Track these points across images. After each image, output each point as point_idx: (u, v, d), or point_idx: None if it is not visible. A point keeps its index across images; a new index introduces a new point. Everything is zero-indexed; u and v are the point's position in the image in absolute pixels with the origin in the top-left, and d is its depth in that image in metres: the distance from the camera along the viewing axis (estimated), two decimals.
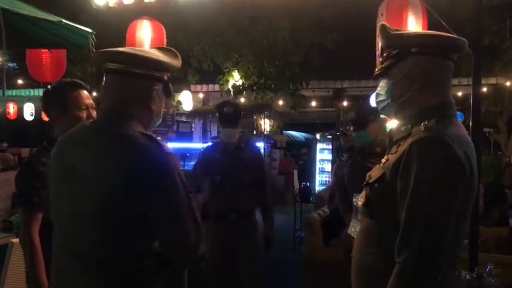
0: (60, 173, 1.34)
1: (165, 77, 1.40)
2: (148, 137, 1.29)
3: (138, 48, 1.41)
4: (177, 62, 1.42)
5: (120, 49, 1.37)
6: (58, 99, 1.96)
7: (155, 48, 1.46)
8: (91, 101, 2.01)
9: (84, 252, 1.27)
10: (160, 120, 1.47)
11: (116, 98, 1.35)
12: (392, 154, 1.37)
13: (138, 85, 1.35)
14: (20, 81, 9.18)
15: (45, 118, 2.03)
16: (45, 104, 2.01)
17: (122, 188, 1.23)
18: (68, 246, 1.31)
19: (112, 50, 1.36)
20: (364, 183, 1.45)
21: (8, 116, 9.81)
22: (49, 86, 2.24)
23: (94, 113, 1.99)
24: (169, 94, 1.43)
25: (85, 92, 2.00)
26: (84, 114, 1.96)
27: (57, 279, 1.35)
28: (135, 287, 1.29)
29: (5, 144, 9.54)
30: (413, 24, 2.75)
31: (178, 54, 1.44)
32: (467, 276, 1.90)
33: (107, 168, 1.25)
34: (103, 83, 1.37)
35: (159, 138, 1.35)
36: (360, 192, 1.53)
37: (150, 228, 1.27)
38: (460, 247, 1.34)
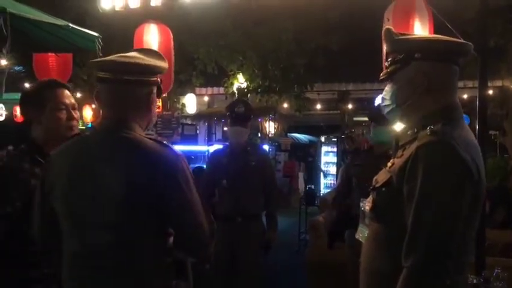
0: (72, 182, 1.34)
1: (159, 80, 1.46)
2: (157, 142, 1.36)
3: (132, 55, 1.42)
4: (166, 64, 1.48)
5: (120, 59, 1.38)
6: (35, 98, 1.83)
7: (137, 50, 1.47)
8: (72, 101, 1.85)
9: (109, 257, 1.29)
10: (156, 118, 1.54)
11: (120, 105, 1.38)
12: (398, 158, 1.36)
13: (140, 92, 1.40)
14: (26, 85, 9.23)
15: (20, 119, 1.93)
16: (21, 103, 1.87)
17: (141, 191, 1.28)
18: (91, 254, 1.31)
19: (111, 60, 1.39)
20: (371, 187, 1.44)
21: (15, 118, 9.89)
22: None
23: (76, 114, 1.86)
24: (161, 95, 1.49)
25: (65, 92, 1.85)
26: (63, 114, 1.80)
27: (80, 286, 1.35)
28: (156, 284, 1.34)
29: None
30: (420, 28, 2.75)
31: (162, 55, 1.49)
32: (474, 281, 1.89)
33: (124, 174, 1.29)
34: (102, 92, 1.39)
35: (165, 141, 1.42)
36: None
37: (166, 227, 1.36)
38: (469, 253, 1.33)
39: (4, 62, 3.50)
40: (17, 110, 9.80)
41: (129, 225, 1.29)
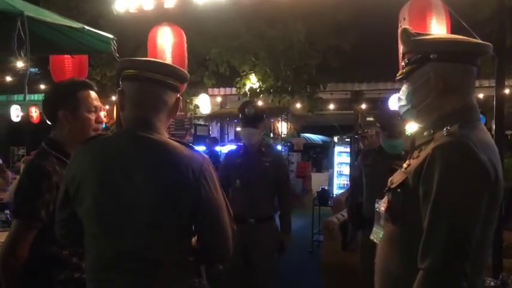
0: (103, 184, 1.33)
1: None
2: (183, 143, 1.38)
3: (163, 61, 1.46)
4: (187, 74, 1.50)
5: (148, 58, 1.42)
6: (67, 98, 1.79)
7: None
8: (99, 103, 1.87)
9: (143, 259, 1.29)
10: None
11: (147, 104, 1.39)
12: (414, 159, 1.35)
13: (166, 94, 1.41)
14: (42, 86, 9.37)
15: (36, 120, 1.91)
16: (50, 102, 1.82)
17: (178, 191, 1.30)
18: (125, 256, 1.30)
19: (140, 59, 1.41)
20: (386, 188, 1.43)
21: (31, 119, 10.07)
22: (55, 84, 2.05)
23: (102, 117, 1.90)
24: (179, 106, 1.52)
25: (94, 93, 1.86)
26: (93, 116, 1.83)
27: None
28: (183, 284, 1.36)
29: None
30: (436, 27, 2.72)
31: None
32: (492, 283, 1.87)
33: (161, 175, 1.30)
34: (128, 90, 1.39)
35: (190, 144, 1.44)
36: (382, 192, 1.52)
37: (191, 227, 1.37)
38: (487, 254, 1.31)
39: (21, 64, 3.56)
40: (33, 111, 9.99)
41: (166, 225, 1.30)
